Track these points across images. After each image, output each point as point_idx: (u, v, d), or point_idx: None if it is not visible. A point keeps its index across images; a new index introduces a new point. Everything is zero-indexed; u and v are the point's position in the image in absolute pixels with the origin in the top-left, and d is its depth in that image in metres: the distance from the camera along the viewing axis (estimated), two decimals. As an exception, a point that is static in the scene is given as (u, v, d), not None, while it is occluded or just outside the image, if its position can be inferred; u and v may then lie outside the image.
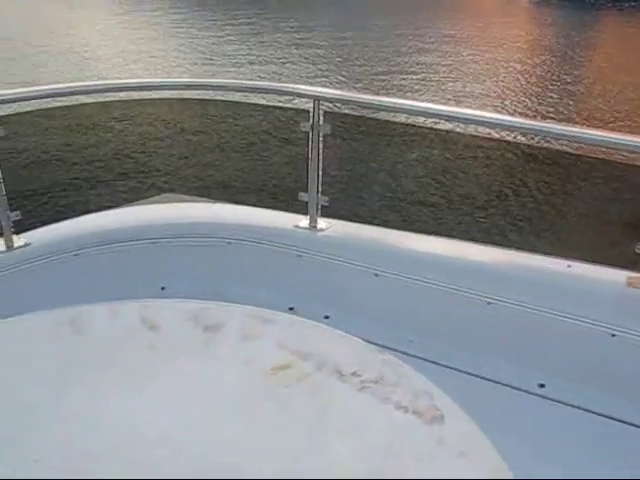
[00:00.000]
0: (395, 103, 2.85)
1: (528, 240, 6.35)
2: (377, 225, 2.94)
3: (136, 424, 1.27)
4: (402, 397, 1.34)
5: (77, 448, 1.21)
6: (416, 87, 16.31)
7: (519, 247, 3.10)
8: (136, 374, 1.41)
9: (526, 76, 17.78)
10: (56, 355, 1.47)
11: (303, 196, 2.79)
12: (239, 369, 1.43)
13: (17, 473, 1.16)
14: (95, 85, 3.23)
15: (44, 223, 2.79)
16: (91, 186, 8.22)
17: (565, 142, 3.46)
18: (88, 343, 1.50)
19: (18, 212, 2.61)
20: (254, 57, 19.70)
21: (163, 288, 2.70)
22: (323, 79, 16.63)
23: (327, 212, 2.84)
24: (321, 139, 2.70)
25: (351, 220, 2.94)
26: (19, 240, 2.64)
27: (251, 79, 16.11)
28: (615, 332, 2.25)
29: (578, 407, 2.23)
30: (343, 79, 16.92)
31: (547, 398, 2.28)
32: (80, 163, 8.96)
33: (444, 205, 7.62)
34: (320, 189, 2.77)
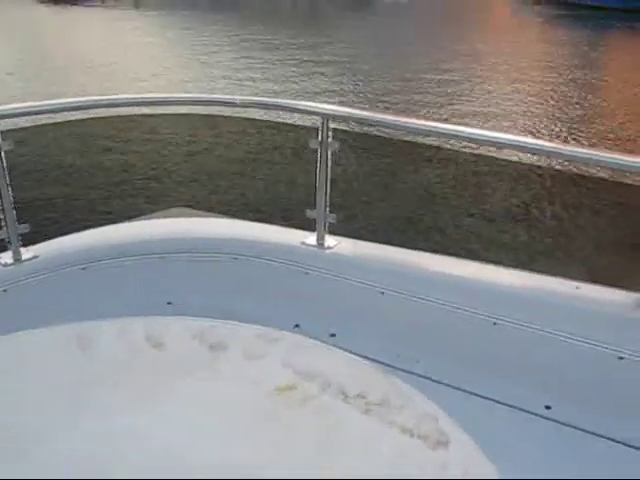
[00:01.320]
0: (404, 122, 2.85)
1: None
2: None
3: (140, 445, 1.27)
4: (407, 420, 1.34)
5: (81, 469, 1.21)
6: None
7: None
8: (140, 394, 1.41)
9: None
10: (62, 371, 1.47)
11: (311, 213, 2.80)
12: (244, 389, 1.43)
13: None
14: (102, 100, 3.24)
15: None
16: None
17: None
18: (94, 360, 1.51)
19: (27, 224, 2.62)
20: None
21: (169, 303, 2.70)
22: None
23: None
24: (329, 156, 2.70)
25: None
26: (27, 253, 2.65)
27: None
28: (623, 355, 2.23)
29: (584, 430, 2.21)
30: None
31: (553, 420, 2.26)
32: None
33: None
34: (328, 206, 2.78)
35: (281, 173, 9.65)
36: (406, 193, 9.21)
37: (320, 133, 2.68)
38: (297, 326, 2.53)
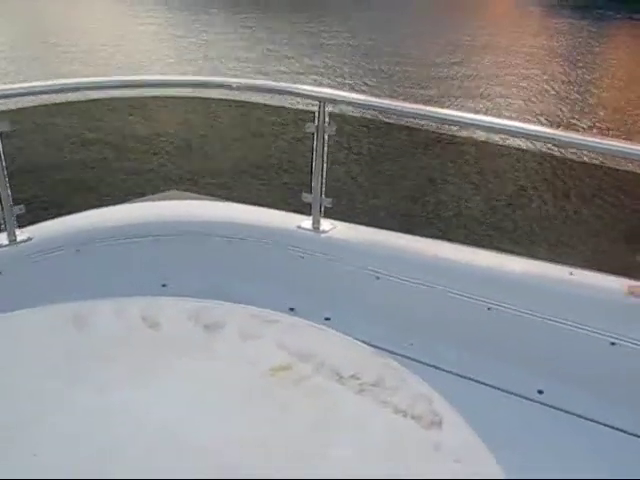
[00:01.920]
0: (402, 106, 2.85)
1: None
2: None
3: (137, 421, 1.27)
4: (401, 401, 1.34)
5: (78, 445, 1.21)
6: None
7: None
8: (137, 370, 1.41)
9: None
10: (57, 351, 1.47)
11: (307, 197, 2.80)
12: (239, 369, 1.43)
13: (18, 468, 1.16)
14: (98, 82, 3.23)
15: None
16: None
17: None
18: (90, 339, 1.51)
19: (22, 206, 2.61)
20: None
21: (164, 285, 2.70)
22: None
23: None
24: (326, 140, 2.70)
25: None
26: (22, 234, 2.65)
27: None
28: (615, 340, 2.24)
29: (576, 414, 2.23)
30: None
31: (545, 405, 2.28)
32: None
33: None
34: (324, 190, 2.78)
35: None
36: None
37: (317, 117, 2.67)
38: (292, 309, 2.54)
